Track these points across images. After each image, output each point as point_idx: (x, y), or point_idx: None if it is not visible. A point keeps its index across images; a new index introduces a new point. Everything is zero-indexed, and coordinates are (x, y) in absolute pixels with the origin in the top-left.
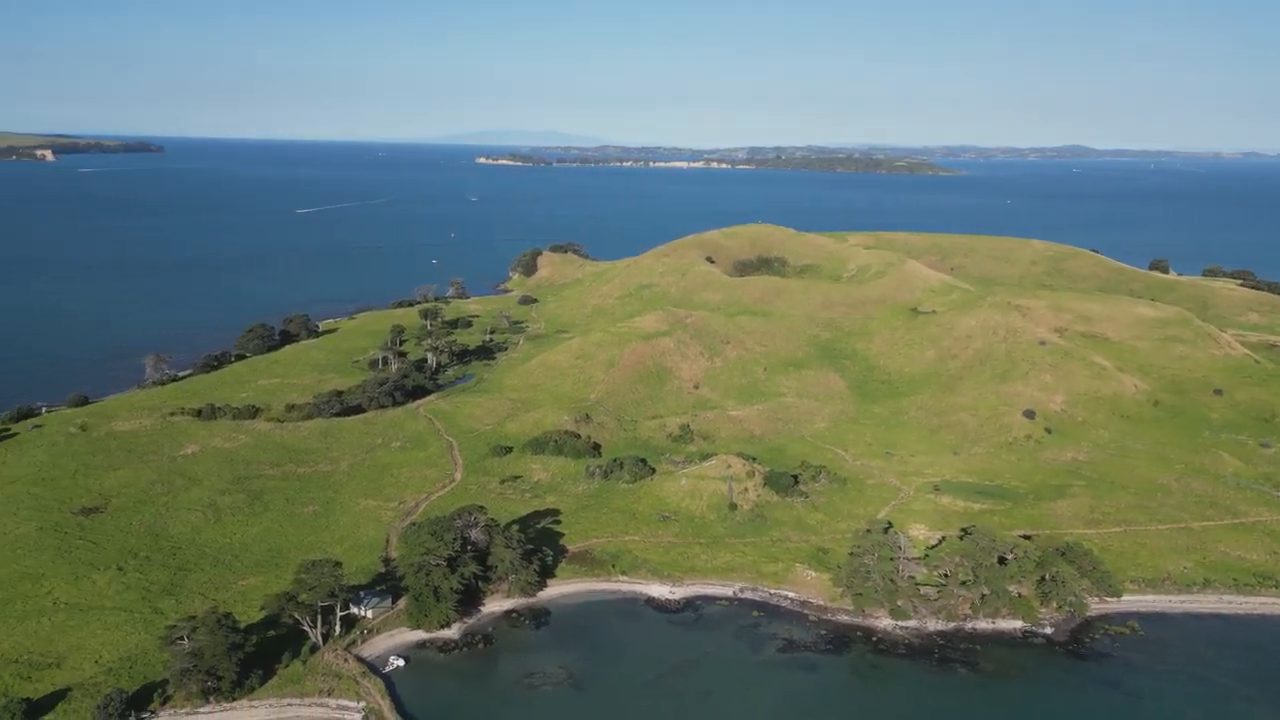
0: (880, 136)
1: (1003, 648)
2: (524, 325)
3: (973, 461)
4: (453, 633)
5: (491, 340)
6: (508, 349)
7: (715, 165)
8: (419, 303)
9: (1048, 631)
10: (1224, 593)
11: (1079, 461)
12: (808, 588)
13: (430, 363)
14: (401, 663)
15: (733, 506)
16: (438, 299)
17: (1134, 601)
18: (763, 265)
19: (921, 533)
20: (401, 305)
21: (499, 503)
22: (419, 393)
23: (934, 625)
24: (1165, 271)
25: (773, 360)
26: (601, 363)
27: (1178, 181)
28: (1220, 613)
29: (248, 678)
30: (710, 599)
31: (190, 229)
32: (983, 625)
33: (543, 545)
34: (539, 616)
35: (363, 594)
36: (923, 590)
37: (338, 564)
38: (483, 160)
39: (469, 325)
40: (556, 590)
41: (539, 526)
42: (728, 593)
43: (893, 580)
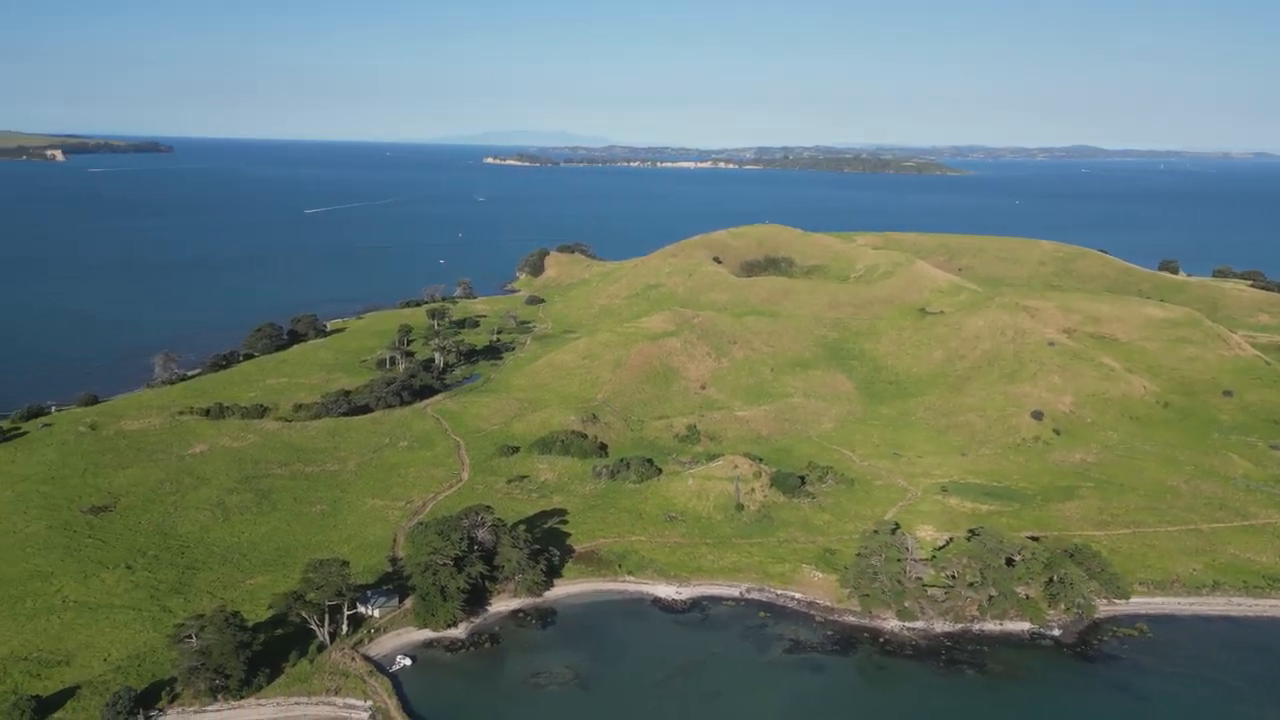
0: (888, 137)
1: (1010, 649)
2: (531, 325)
3: (980, 462)
4: (459, 632)
5: (499, 340)
6: (515, 349)
7: (722, 165)
8: (426, 303)
9: (1056, 633)
10: (1233, 595)
11: (1087, 463)
12: (814, 588)
13: (437, 362)
14: (408, 662)
15: (739, 507)
16: (445, 299)
17: (1143, 603)
18: (770, 265)
19: (929, 534)
20: (409, 305)
21: (506, 502)
22: (426, 392)
23: (941, 626)
24: (1174, 272)
25: (780, 361)
26: (608, 363)
27: (1187, 182)
28: (1229, 615)
29: (255, 676)
30: (717, 599)
31: (199, 229)
32: (990, 627)
33: (549, 545)
34: (545, 616)
35: (370, 593)
36: (930, 591)
37: (345, 563)
38: (490, 160)
39: (476, 325)
40: (563, 590)
41: (546, 526)
42: (734, 593)
43: (900, 581)
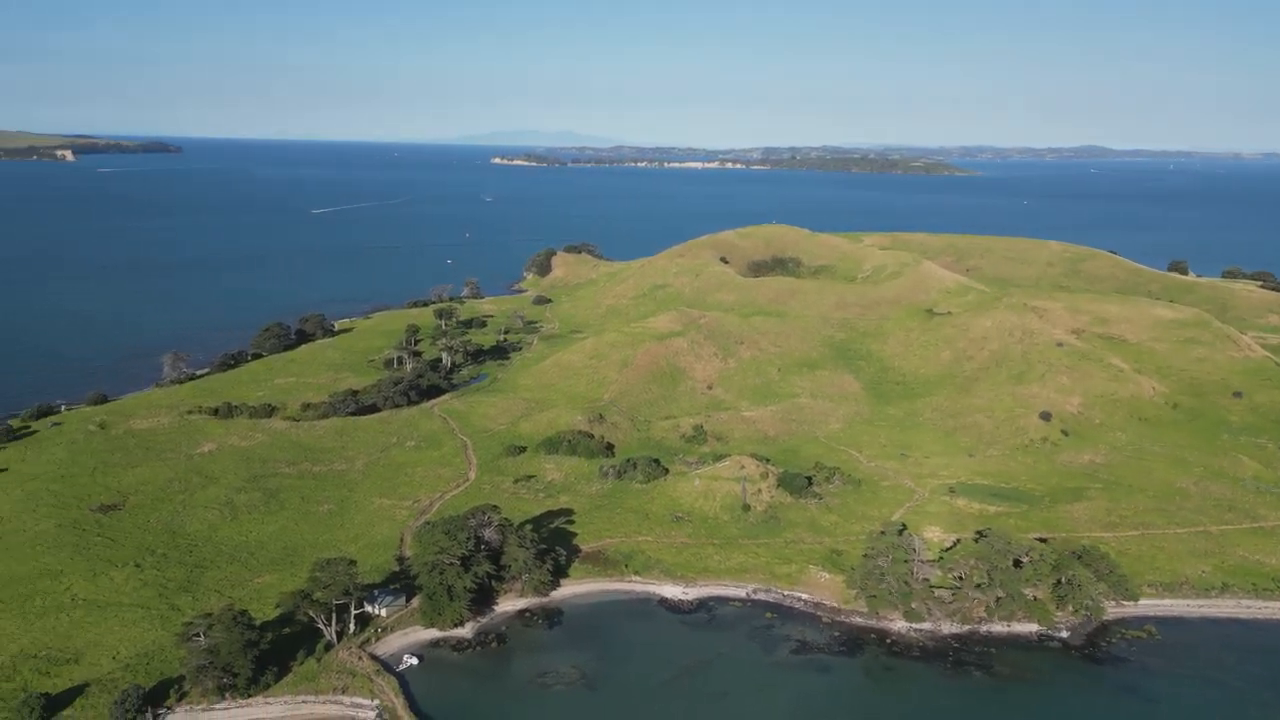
0: (896, 137)
1: (1018, 651)
2: (538, 325)
3: (988, 463)
4: (466, 632)
5: (506, 340)
6: (522, 349)
7: (730, 165)
8: (434, 302)
9: (1063, 635)
10: (1243, 597)
11: (1096, 464)
12: (821, 589)
13: (445, 362)
14: (415, 661)
15: (746, 508)
16: (453, 299)
17: (1151, 605)
18: (777, 266)
19: (936, 535)
20: (417, 305)
21: (513, 502)
22: (434, 392)
23: (948, 628)
24: (1184, 273)
25: (787, 361)
26: (615, 363)
27: (1197, 182)
28: (1239, 617)
29: (263, 675)
30: (723, 600)
31: (207, 229)
32: (998, 628)
33: (556, 545)
34: (552, 616)
35: (377, 592)
36: (937, 593)
37: (352, 562)
38: (498, 161)
39: (483, 325)
40: (569, 590)
41: (552, 526)
42: (741, 594)
43: (907, 582)
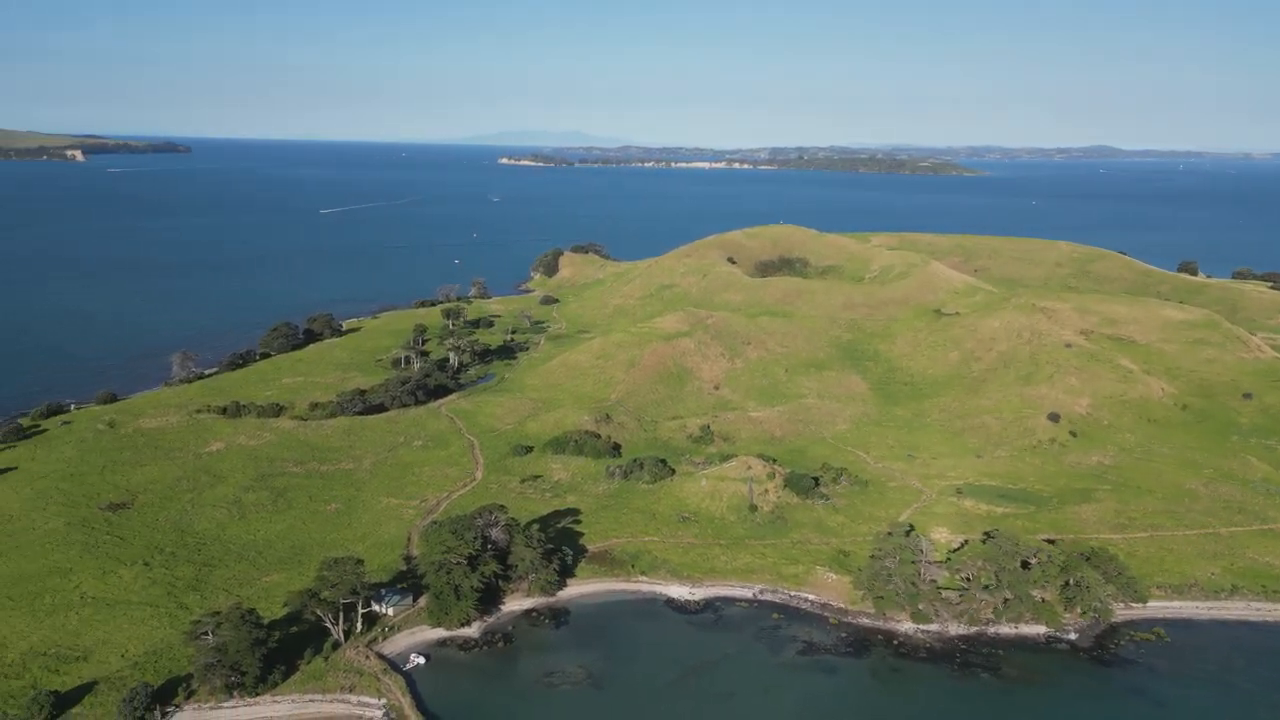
0: (903, 137)
1: (1026, 653)
2: (545, 325)
3: (996, 464)
4: (473, 631)
5: (513, 340)
6: (529, 349)
7: (737, 166)
8: (441, 302)
9: (1072, 637)
10: (1252, 599)
11: (1104, 465)
12: (828, 590)
13: (452, 362)
14: (422, 660)
15: (753, 508)
16: (460, 299)
17: (1160, 608)
18: (784, 266)
19: (943, 536)
20: (424, 305)
21: (519, 502)
22: (441, 392)
23: (956, 629)
24: (1194, 274)
25: (794, 361)
26: (622, 363)
27: (1207, 182)
28: (1248, 620)
29: (270, 673)
30: (730, 600)
31: (215, 228)
32: (1005, 630)
33: (563, 545)
34: (559, 616)
35: (384, 592)
36: (944, 594)
37: (359, 561)
38: (505, 161)
39: (491, 325)
40: (576, 590)
41: (559, 526)
42: (748, 594)
43: (914, 583)
